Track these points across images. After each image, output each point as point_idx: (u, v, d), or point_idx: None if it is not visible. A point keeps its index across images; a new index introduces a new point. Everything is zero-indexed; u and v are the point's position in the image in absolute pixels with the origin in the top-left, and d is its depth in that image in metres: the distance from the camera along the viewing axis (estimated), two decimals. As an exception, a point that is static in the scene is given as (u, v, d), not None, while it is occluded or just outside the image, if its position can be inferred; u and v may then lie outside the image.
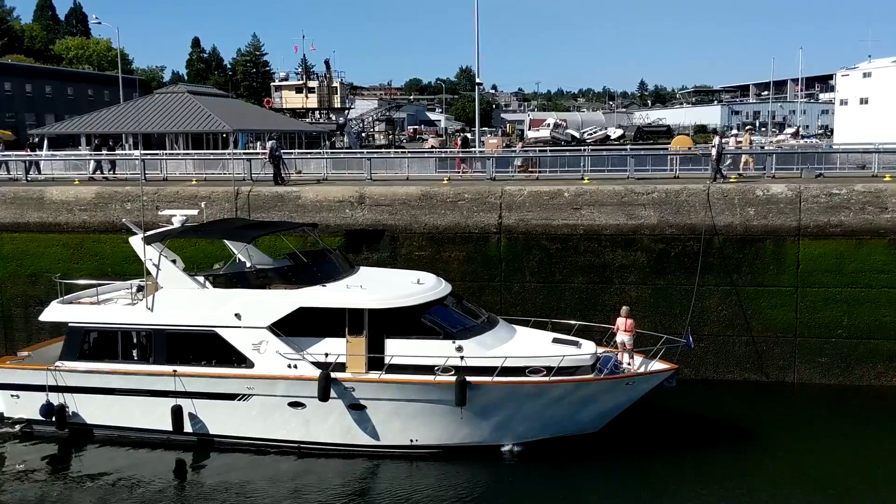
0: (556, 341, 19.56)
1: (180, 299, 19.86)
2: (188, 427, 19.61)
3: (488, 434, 18.94)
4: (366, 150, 40.92)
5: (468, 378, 17.99)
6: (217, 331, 19.36)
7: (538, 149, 41.74)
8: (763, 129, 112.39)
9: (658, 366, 19.43)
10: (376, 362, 18.70)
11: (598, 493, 17.69)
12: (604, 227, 24.00)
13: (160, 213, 22.58)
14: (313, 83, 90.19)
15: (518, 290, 24.35)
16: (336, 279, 20.01)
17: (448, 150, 48.80)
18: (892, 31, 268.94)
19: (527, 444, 19.03)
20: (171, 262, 20.42)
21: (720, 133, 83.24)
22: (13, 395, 20.80)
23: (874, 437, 20.20)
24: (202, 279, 20.17)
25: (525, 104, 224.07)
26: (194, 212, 22.27)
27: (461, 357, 18.36)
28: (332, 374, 18.51)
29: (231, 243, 22.34)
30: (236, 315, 19.24)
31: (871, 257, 22.70)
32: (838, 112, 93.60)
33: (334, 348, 18.81)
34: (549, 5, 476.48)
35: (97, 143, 40.24)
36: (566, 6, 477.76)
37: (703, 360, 23.55)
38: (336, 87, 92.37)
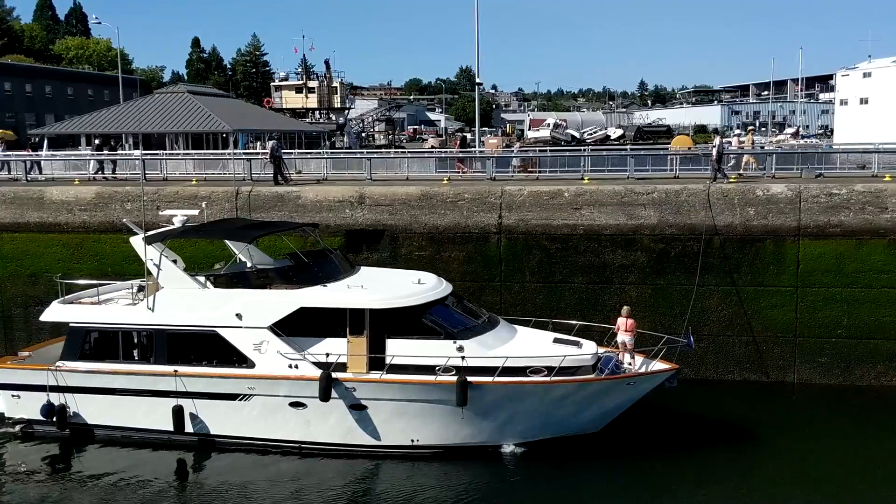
0: (557, 341, 19.57)
1: (181, 299, 19.87)
2: (189, 427, 19.61)
3: (489, 434, 18.94)
4: (366, 150, 40.91)
5: (469, 378, 18.00)
6: (218, 331, 19.36)
7: (538, 149, 41.76)
8: (763, 130, 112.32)
9: (659, 366, 19.43)
10: (377, 362, 18.69)
11: (599, 493, 17.69)
12: (604, 227, 24.01)
13: (161, 213, 22.58)
14: (313, 83, 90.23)
15: (518, 290, 24.36)
16: (337, 279, 20.02)
17: (447, 150, 48.73)
18: (892, 31, 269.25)
19: (528, 444, 19.03)
20: (172, 263, 20.39)
21: (721, 133, 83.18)
22: (14, 395, 20.79)
23: (874, 437, 20.21)
24: (203, 279, 20.17)
25: (525, 104, 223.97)
26: (195, 212, 22.27)
27: (462, 357, 18.38)
28: (333, 374, 18.51)
29: (232, 243, 22.34)
30: (237, 315, 19.25)
31: (871, 257, 22.72)
32: (838, 112, 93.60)
33: (335, 348, 18.81)
34: (549, 5, 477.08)
35: (99, 143, 40.18)
36: (566, 6, 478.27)
37: (703, 360, 23.56)
38: (336, 87, 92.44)
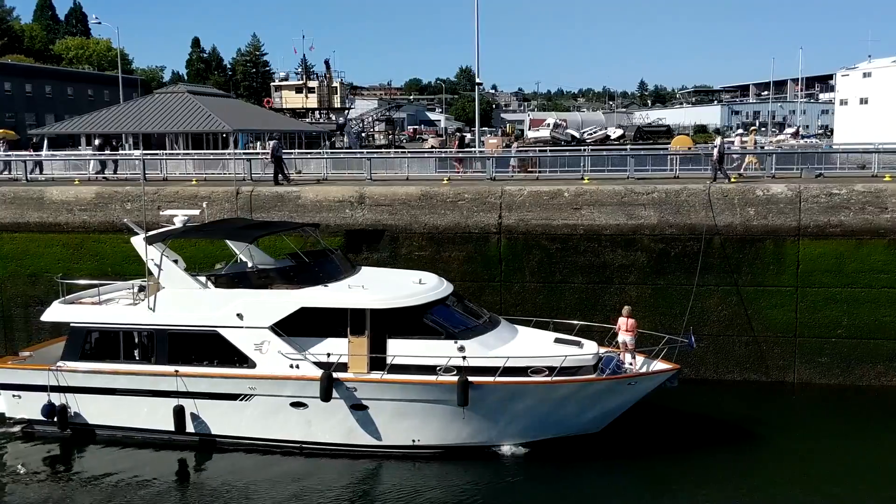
0: (558, 341, 19.57)
1: (182, 299, 19.87)
2: (190, 427, 19.62)
3: (490, 434, 18.95)
4: (366, 150, 40.90)
5: (470, 378, 18.00)
6: (219, 331, 19.36)
7: (538, 149, 41.77)
8: (763, 130, 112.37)
9: (660, 366, 19.42)
10: (378, 362, 18.70)
11: (599, 493, 17.69)
12: (604, 227, 24.02)
13: (162, 213, 22.58)
14: (313, 83, 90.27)
15: (518, 290, 24.37)
16: (338, 279, 20.02)
17: (447, 150, 48.68)
18: (892, 31, 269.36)
19: (529, 444, 19.03)
20: (173, 263, 20.36)
21: (722, 133, 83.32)
22: (15, 396, 20.78)
23: (874, 437, 20.22)
24: (204, 279, 20.17)
25: (525, 104, 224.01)
26: (196, 212, 22.26)
27: (463, 357, 18.38)
28: (334, 375, 18.51)
29: (233, 243, 22.29)
30: (238, 315, 19.25)
31: (871, 257, 22.73)
32: (838, 112, 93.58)
33: (336, 348, 18.81)
34: (549, 5, 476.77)
35: (100, 143, 40.15)
36: (566, 6, 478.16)
37: (703, 360, 23.56)
38: (336, 87, 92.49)
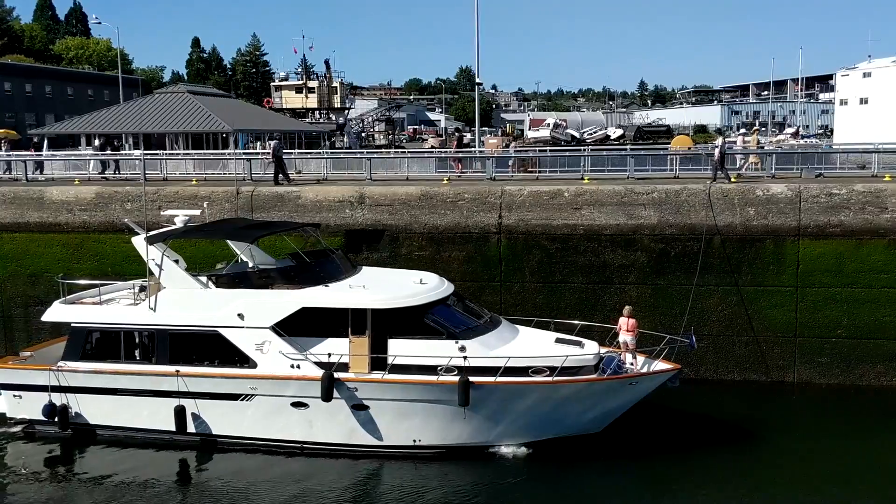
0: (559, 341, 19.57)
1: (183, 299, 19.88)
2: (191, 427, 19.62)
3: (491, 434, 18.95)
4: (366, 150, 40.92)
5: (471, 378, 18.00)
6: (220, 331, 19.37)
7: (538, 149, 41.78)
8: (763, 130, 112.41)
9: (661, 366, 19.41)
10: (379, 362, 18.70)
11: (601, 493, 17.71)
12: (604, 227, 24.03)
13: (163, 213, 22.59)
14: (313, 83, 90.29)
15: (518, 290, 24.38)
16: (339, 279, 20.03)
17: (446, 150, 48.59)
18: (892, 31, 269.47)
19: (530, 444, 19.02)
20: (174, 263, 20.37)
21: (723, 134, 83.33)
22: (15, 396, 20.78)
23: (874, 436, 20.22)
24: (205, 279, 20.18)
25: (525, 104, 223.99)
26: (197, 212, 22.25)
27: (464, 357, 18.39)
28: (335, 375, 18.51)
29: (234, 243, 22.31)
30: (239, 315, 19.26)
31: (871, 257, 22.75)
32: (838, 112, 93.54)
33: (337, 348, 18.82)
34: (549, 5, 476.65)
35: (102, 143, 40.15)
36: (566, 6, 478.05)
37: (703, 360, 23.55)
38: (336, 87, 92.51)
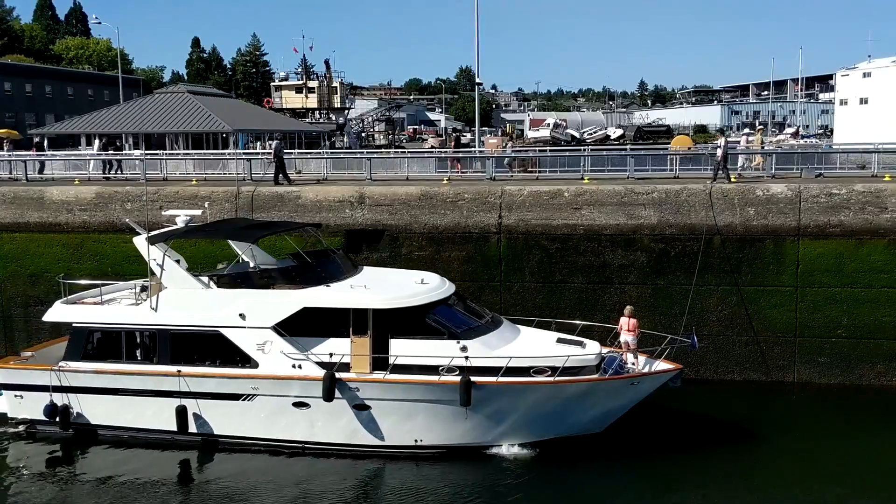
0: (560, 341, 19.57)
1: (184, 299, 19.89)
2: (192, 427, 19.63)
3: (493, 434, 18.95)
4: (366, 150, 40.91)
5: (473, 378, 18.02)
6: (221, 331, 19.38)
7: (538, 148, 41.79)
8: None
9: (663, 366, 19.41)
10: (381, 362, 18.71)
11: (602, 492, 17.74)
12: (604, 227, 24.06)
13: (164, 213, 22.58)
14: (313, 83, 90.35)
15: (518, 290, 24.40)
16: (340, 279, 20.04)
17: (445, 150, 48.50)
18: (892, 31, 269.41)
19: (531, 444, 19.03)
20: (175, 263, 20.39)
21: (725, 134, 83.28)
22: (17, 396, 20.78)
23: (874, 436, 20.25)
24: (206, 279, 20.19)
25: (525, 104, 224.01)
26: (198, 212, 22.25)
27: (466, 357, 18.39)
28: (337, 375, 18.52)
29: (235, 243, 22.33)
30: (241, 315, 19.27)
31: (871, 257, 22.77)
32: (838, 112, 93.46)
33: (339, 348, 18.83)
34: (549, 5, 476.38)
35: (104, 142, 40.16)
36: (566, 6, 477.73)
37: (703, 360, 23.55)
38: (336, 87, 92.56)
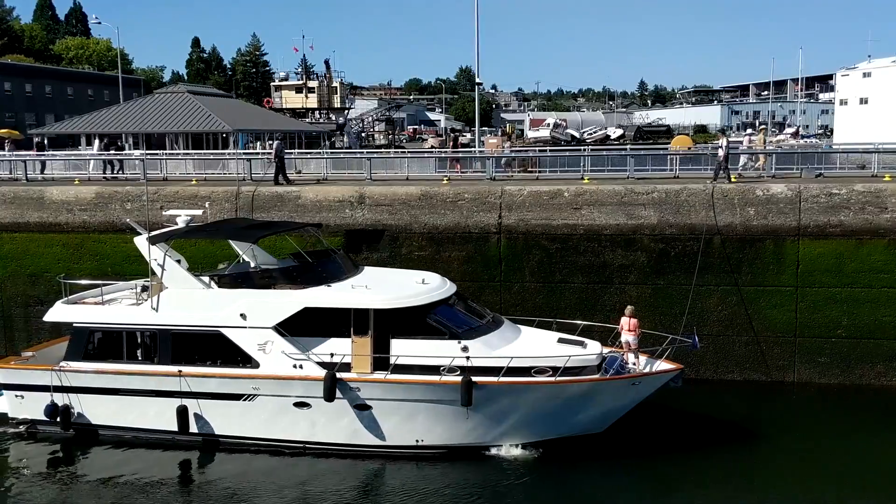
0: (561, 341, 19.58)
1: (185, 299, 19.89)
2: (193, 427, 19.64)
3: (494, 434, 18.96)
4: (366, 150, 40.91)
5: (474, 378, 18.03)
6: (222, 331, 19.39)
7: (538, 148, 41.79)
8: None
9: (664, 366, 19.42)
10: (382, 362, 18.72)
11: (603, 492, 17.77)
12: (604, 227, 24.07)
13: (165, 213, 22.58)
14: (313, 83, 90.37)
15: (518, 290, 24.41)
16: (341, 279, 20.05)
17: (444, 150, 48.46)
18: (892, 31, 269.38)
19: (533, 444, 19.04)
20: (176, 263, 20.41)
21: (726, 134, 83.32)
22: (18, 396, 20.78)
23: (874, 436, 20.28)
24: (207, 279, 20.20)
25: (525, 104, 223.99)
26: (199, 212, 22.24)
27: (467, 357, 18.39)
28: (338, 375, 18.54)
29: (236, 243, 22.34)
30: (241, 315, 19.28)
31: (871, 257, 22.80)
32: (838, 112, 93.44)
33: (340, 348, 18.84)
34: (549, 5, 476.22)
35: (106, 143, 40.13)
36: (566, 6, 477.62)
37: (703, 360, 23.55)
38: (336, 87, 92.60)
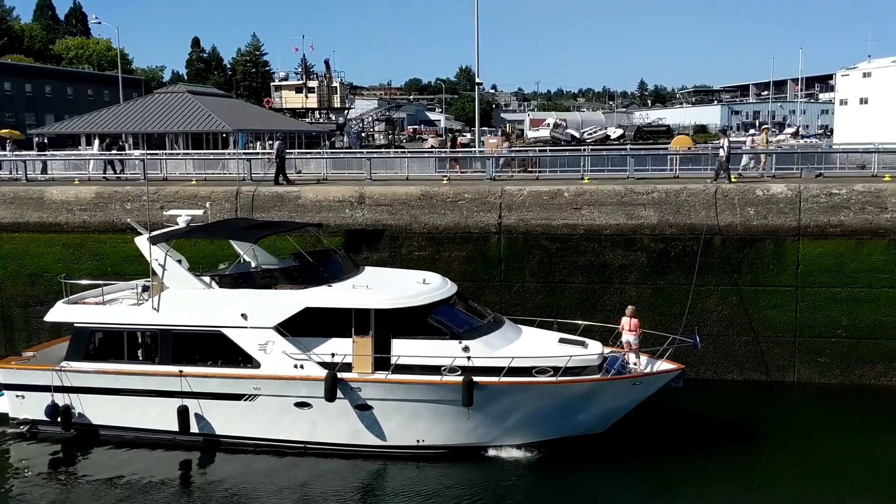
0: (562, 341, 19.57)
1: (186, 299, 19.90)
2: (194, 427, 19.63)
3: (495, 434, 18.97)
4: (366, 150, 40.92)
5: (475, 378, 18.03)
6: (223, 331, 19.39)
7: (538, 148, 41.80)
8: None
9: (665, 366, 19.42)
10: (383, 362, 18.72)
11: (604, 492, 17.81)
12: (604, 227, 24.08)
13: (166, 212, 22.59)
14: (313, 83, 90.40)
15: (518, 290, 24.41)
16: (342, 279, 20.06)
17: (443, 150, 48.49)
18: (892, 31, 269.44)
19: (534, 444, 19.04)
20: (177, 263, 20.42)
21: (727, 134, 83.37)
22: (18, 396, 20.77)
23: (874, 436, 20.29)
24: (208, 279, 20.20)
25: (525, 104, 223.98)
26: (199, 212, 22.23)
27: (468, 357, 18.39)
28: (339, 375, 18.54)
29: (236, 243, 22.34)
30: (242, 315, 19.28)
31: (871, 257, 22.81)
32: (838, 112, 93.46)
33: (341, 348, 18.84)
34: (550, 5, 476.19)
35: (108, 143, 40.13)
36: (566, 6, 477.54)
37: (703, 360, 23.53)
38: (336, 87, 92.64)
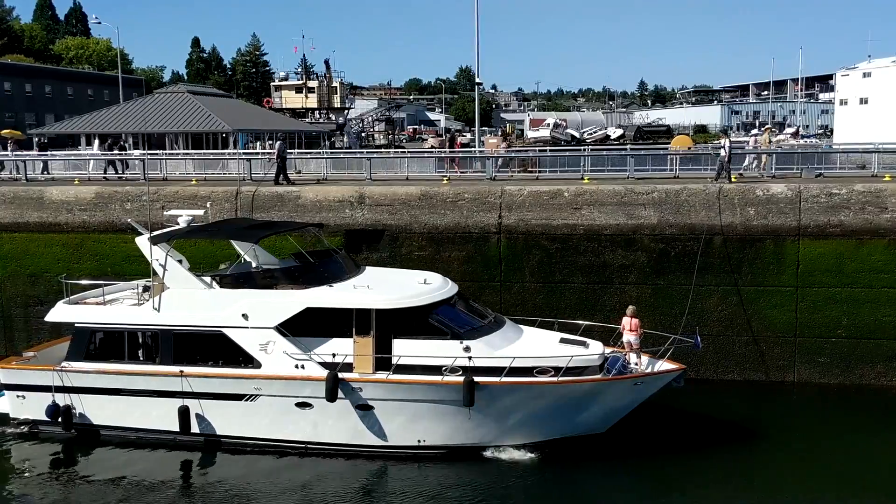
0: (563, 341, 19.58)
1: (187, 300, 19.91)
2: (195, 427, 19.64)
3: (496, 434, 18.97)
4: (366, 150, 40.93)
5: (476, 378, 18.04)
6: (224, 331, 19.40)
7: (538, 148, 41.81)
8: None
9: (666, 366, 19.42)
10: (384, 362, 18.73)
11: (605, 492, 17.83)
12: (604, 227, 24.09)
13: (166, 213, 22.59)
14: (313, 83, 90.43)
15: (518, 290, 24.42)
16: (343, 279, 20.07)
17: (443, 150, 48.55)
18: (892, 31, 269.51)
19: (535, 444, 19.04)
20: (178, 263, 20.43)
21: (728, 134, 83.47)
22: (19, 396, 20.79)
23: (874, 436, 20.31)
24: (209, 279, 20.20)
25: (525, 104, 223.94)
26: (200, 212, 22.25)
27: (469, 357, 18.39)
28: (340, 375, 18.56)
29: (237, 243, 22.34)
30: (243, 315, 19.30)
31: (871, 257, 22.82)
32: (838, 112, 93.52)
33: (342, 348, 18.85)
34: (550, 5, 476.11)
35: (110, 143, 40.14)
36: (566, 6, 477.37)
37: (703, 360, 23.51)
38: (336, 87, 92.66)
